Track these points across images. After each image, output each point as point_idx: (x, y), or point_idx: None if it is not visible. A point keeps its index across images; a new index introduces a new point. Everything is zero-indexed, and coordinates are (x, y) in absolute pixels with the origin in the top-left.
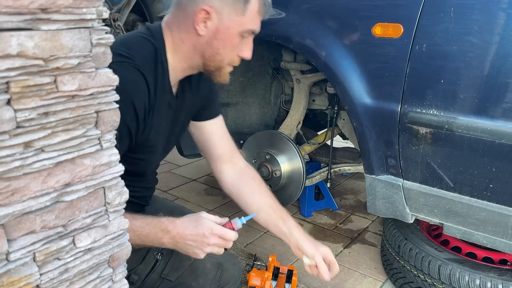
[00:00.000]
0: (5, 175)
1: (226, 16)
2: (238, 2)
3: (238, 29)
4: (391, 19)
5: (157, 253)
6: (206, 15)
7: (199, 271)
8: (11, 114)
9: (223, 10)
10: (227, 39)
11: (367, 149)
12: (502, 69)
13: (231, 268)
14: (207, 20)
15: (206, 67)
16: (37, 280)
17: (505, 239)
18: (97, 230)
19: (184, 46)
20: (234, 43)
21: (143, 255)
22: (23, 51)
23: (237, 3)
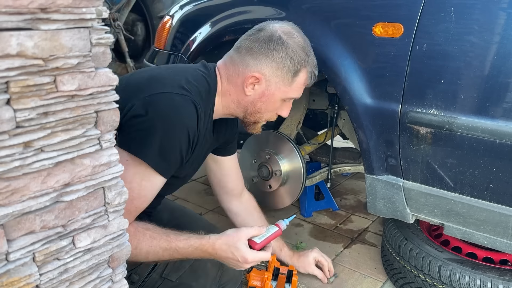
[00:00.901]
0: (5, 175)
1: (273, 84)
2: (288, 74)
3: (282, 96)
4: (391, 18)
5: None
6: (256, 80)
7: (200, 271)
8: (10, 114)
9: (272, 79)
10: (270, 103)
11: (367, 149)
12: (502, 69)
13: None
14: (256, 84)
15: (245, 120)
16: (36, 280)
17: (506, 239)
18: (97, 230)
19: (230, 97)
20: (276, 107)
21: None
22: (22, 51)
23: (287, 76)
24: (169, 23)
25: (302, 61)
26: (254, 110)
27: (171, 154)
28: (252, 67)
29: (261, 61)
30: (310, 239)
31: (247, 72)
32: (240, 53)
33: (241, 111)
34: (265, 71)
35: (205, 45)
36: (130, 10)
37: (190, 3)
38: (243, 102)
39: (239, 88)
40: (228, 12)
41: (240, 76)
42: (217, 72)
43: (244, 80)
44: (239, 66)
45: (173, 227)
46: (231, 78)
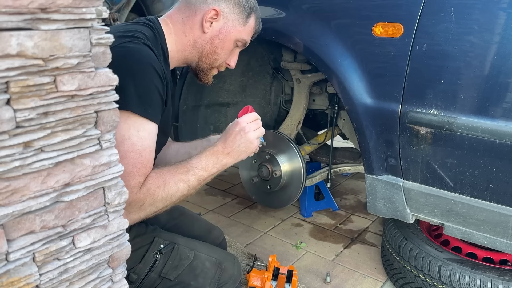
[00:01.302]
0: (5, 175)
1: (230, 22)
2: (242, 13)
3: (237, 36)
4: (391, 18)
5: (156, 252)
6: (215, 16)
7: (198, 270)
8: (10, 114)
9: (229, 16)
10: (226, 41)
11: (367, 149)
12: (502, 69)
13: (230, 267)
14: (214, 21)
15: (200, 63)
16: (36, 280)
17: (506, 239)
18: (97, 230)
19: (186, 39)
20: (230, 48)
21: (142, 254)
22: (22, 51)
23: (241, 14)
24: None
25: (254, 5)
26: (211, 50)
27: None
28: (210, 3)
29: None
30: (310, 239)
31: (205, 7)
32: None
33: (197, 53)
34: (223, 7)
35: None
36: (130, 10)
37: None
38: (199, 41)
39: (196, 26)
40: None
41: (198, 13)
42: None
43: (203, 15)
44: (196, 4)
45: (172, 227)
46: (187, 19)
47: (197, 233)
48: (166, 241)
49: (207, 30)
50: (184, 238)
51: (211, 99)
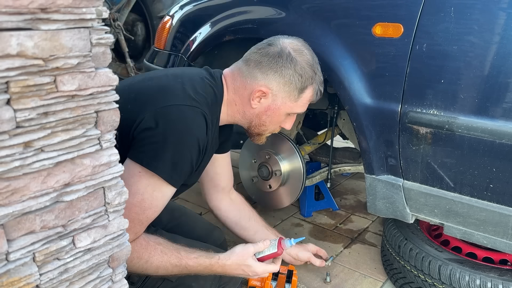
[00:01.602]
0: (5, 175)
1: (280, 99)
2: (295, 91)
3: (287, 111)
4: (391, 19)
5: None
6: (263, 94)
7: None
8: (10, 114)
9: (279, 94)
10: (275, 116)
11: (367, 149)
12: (502, 69)
13: None
14: (262, 98)
15: (249, 130)
16: (36, 280)
17: (506, 239)
18: (97, 230)
19: (236, 107)
20: (280, 120)
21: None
22: (22, 51)
23: (293, 92)
24: (169, 23)
25: (309, 78)
26: (259, 123)
27: (182, 166)
28: (260, 81)
29: (269, 76)
30: (310, 239)
31: (254, 85)
32: (249, 66)
33: (246, 122)
34: (272, 86)
35: (205, 45)
36: (130, 10)
37: (190, 3)
38: (248, 114)
39: (245, 100)
40: (228, 12)
41: (247, 88)
42: (223, 81)
43: (252, 93)
44: (247, 78)
45: (173, 227)
46: (238, 89)
47: (199, 233)
48: None
49: (254, 106)
50: (185, 239)
51: None
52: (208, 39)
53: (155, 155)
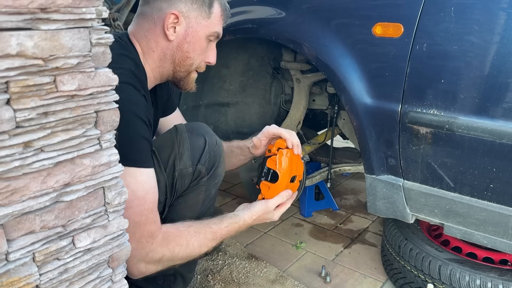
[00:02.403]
0: (5, 175)
1: (193, 20)
2: (203, 6)
3: (205, 31)
4: (391, 18)
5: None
6: (175, 20)
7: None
8: (10, 114)
9: (190, 14)
10: (196, 42)
11: (367, 149)
12: (502, 69)
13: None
14: (176, 25)
15: (176, 74)
16: (36, 280)
17: (506, 239)
18: (97, 230)
19: (155, 54)
20: (202, 46)
21: None
22: (22, 51)
23: (202, 7)
24: None
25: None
26: (182, 56)
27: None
28: (166, 9)
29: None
30: (310, 239)
31: (162, 15)
32: (149, 3)
33: (170, 64)
34: (181, 8)
35: None
36: (130, 10)
37: None
38: (168, 51)
39: (160, 36)
40: None
41: (157, 24)
42: (132, 39)
43: (163, 24)
44: (153, 15)
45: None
46: (148, 33)
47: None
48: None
49: (172, 37)
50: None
51: (210, 99)
52: None
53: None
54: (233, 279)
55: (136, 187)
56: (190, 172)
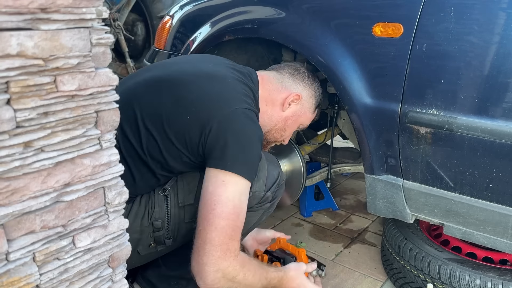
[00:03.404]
0: (5, 175)
1: (305, 108)
2: (314, 104)
3: (303, 121)
4: (391, 18)
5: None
6: (296, 99)
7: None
8: (10, 114)
9: (306, 103)
10: (295, 124)
11: (367, 149)
12: (502, 69)
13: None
14: (293, 103)
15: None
16: (36, 280)
17: (505, 239)
18: (97, 230)
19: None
20: (294, 128)
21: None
22: (22, 51)
23: (313, 105)
24: (169, 23)
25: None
26: (282, 127)
27: (255, 164)
28: (294, 89)
29: (301, 86)
30: (310, 239)
31: (289, 91)
32: (283, 76)
33: (269, 125)
34: (303, 94)
35: (205, 45)
36: (130, 10)
37: (190, 3)
38: (275, 117)
39: (277, 103)
40: (228, 12)
41: (281, 93)
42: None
43: (287, 97)
44: (282, 85)
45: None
46: (272, 92)
47: None
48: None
49: (285, 110)
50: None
51: None
52: (208, 39)
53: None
54: None
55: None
56: (260, 195)
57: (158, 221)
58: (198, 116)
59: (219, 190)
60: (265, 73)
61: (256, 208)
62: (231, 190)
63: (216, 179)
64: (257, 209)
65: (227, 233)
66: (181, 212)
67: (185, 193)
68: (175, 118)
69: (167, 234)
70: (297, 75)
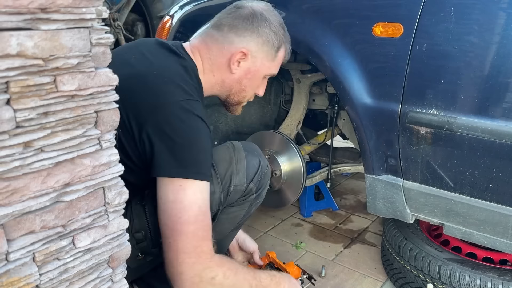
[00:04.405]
0: (5, 175)
1: (259, 60)
2: (272, 49)
3: (266, 72)
4: (391, 18)
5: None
6: (243, 57)
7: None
8: (10, 114)
9: (258, 54)
10: (254, 79)
11: (367, 149)
12: (502, 69)
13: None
14: (241, 61)
15: (228, 99)
16: (36, 280)
17: (505, 239)
18: (97, 230)
19: (214, 78)
20: (258, 83)
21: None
22: (22, 51)
23: (270, 50)
24: (169, 23)
25: (283, 36)
26: (240, 89)
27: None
28: (237, 44)
29: (246, 37)
30: (309, 239)
31: (232, 49)
32: (222, 31)
33: (225, 91)
34: (251, 47)
35: None
36: (130, 10)
37: (190, 3)
38: (228, 81)
39: (223, 66)
40: None
41: (225, 54)
42: (193, 52)
43: (231, 57)
44: (223, 44)
45: None
46: (214, 58)
47: None
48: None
49: (235, 71)
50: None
51: (211, 99)
52: None
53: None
54: None
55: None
56: (243, 188)
57: (140, 232)
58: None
59: (179, 196)
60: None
61: (241, 202)
62: (190, 192)
63: (173, 186)
64: (242, 203)
65: (198, 236)
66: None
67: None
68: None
69: (151, 244)
70: (241, 25)
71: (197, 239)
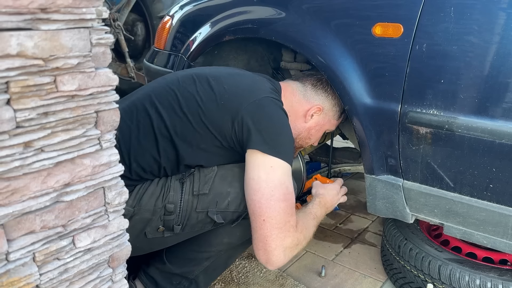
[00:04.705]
0: (5, 175)
1: (328, 117)
2: (338, 111)
3: (328, 128)
4: (391, 19)
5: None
6: (318, 111)
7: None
8: (10, 114)
9: (329, 113)
10: (319, 132)
11: (367, 149)
12: (502, 69)
13: None
14: (315, 114)
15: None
16: (36, 280)
17: (505, 239)
18: (97, 230)
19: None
20: (320, 135)
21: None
22: (22, 51)
23: (337, 112)
24: (169, 23)
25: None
26: (306, 136)
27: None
28: (315, 100)
29: (322, 97)
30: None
31: (311, 104)
32: (306, 87)
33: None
34: (326, 105)
35: (205, 45)
36: (130, 10)
37: (190, 3)
38: (299, 127)
39: (299, 114)
40: (228, 12)
41: (303, 105)
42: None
43: (308, 109)
44: (304, 97)
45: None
46: (295, 104)
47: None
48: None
49: (307, 121)
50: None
51: None
52: (208, 39)
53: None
54: (233, 279)
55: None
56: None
57: (171, 204)
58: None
59: (271, 176)
60: (288, 84)
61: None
62: (280, 173)
63: (264, 166)
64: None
65: (288, 213)
66: (194, 200)
67: (201, 183)
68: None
69: (177, 219)
70: (319, 86)
71: (288, 215)
